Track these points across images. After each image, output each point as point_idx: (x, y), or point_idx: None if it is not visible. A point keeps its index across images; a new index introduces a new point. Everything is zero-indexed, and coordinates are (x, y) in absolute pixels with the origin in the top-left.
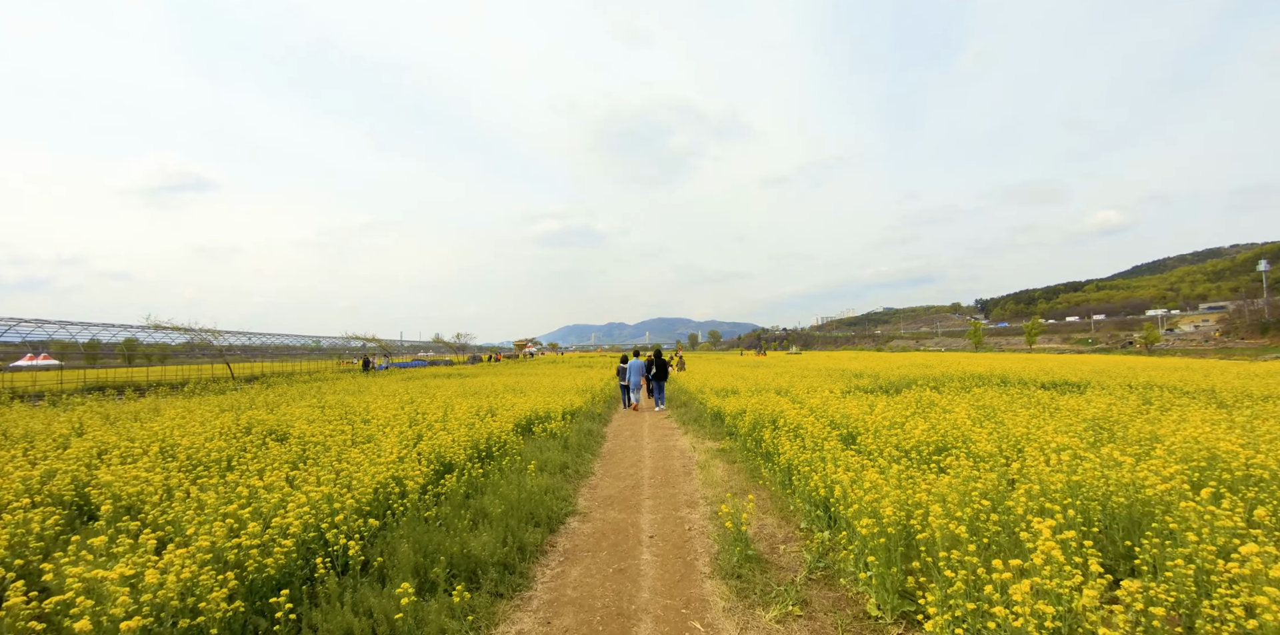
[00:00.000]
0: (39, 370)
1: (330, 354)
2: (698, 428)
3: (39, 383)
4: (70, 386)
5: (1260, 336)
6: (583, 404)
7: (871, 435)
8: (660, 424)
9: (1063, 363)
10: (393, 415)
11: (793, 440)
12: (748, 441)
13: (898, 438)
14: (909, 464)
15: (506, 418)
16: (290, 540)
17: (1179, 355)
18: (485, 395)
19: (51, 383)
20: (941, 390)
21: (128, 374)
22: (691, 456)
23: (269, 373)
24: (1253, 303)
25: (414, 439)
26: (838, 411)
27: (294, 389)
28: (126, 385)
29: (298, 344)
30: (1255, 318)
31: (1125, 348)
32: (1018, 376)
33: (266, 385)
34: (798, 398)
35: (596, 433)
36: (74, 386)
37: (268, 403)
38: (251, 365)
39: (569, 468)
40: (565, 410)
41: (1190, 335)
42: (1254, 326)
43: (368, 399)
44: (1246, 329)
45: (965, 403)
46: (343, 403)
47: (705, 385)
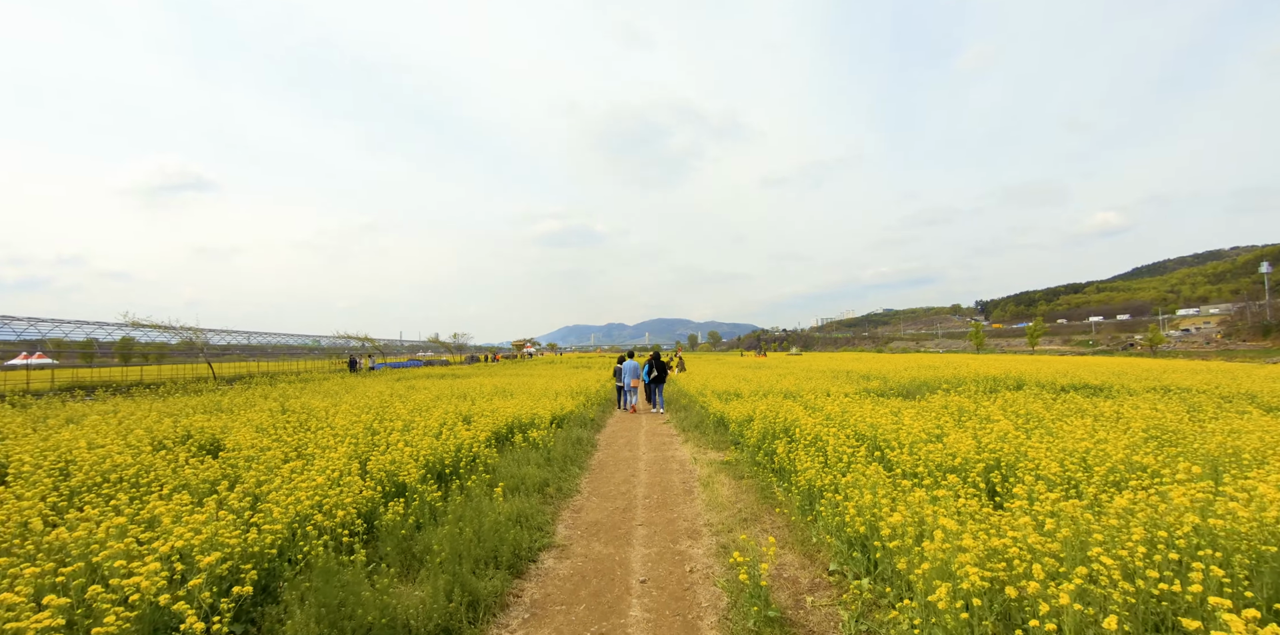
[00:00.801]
0: (33, 369)
1: (329, 354)
2: (699, 435)
3: (9, 382)
4: (46, 386)
5: (1262, 338)
6: (575, 408)
7: (905, 450)
8: (658, 430)
9: (1076, 365)
10: (352, 422)
11: (811, 454)
12: (757, 454)
13: (938, 454)
14: (962, 489)
15: (484, 425)
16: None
17: (1180, 357)
18: (470, 398)
19: (35, 383)
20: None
21: (121, 373)
22: (692, 470)
23: (257, 373)
24: (1254, 305)
25: (370, 448)
26: (860, 420)
27: (275, 390)
28: (106, 385)
29: (297, 343)
30: (1257, 320)
31: (1126, 349)
32: (1034, 379)
33: (248, 386)
34: (810, 403)
35: (587, 441)
36: (47, 386)
37: (231, 405)
38: (245, 365)
39: (550, 486)
40: (555, 415)
41: (1192, 337)
42: (1256, 328)
43: (341, 402)
44: (1248, 331)
45: (997, 409)
46: (307, 407)
47: (706, 387)
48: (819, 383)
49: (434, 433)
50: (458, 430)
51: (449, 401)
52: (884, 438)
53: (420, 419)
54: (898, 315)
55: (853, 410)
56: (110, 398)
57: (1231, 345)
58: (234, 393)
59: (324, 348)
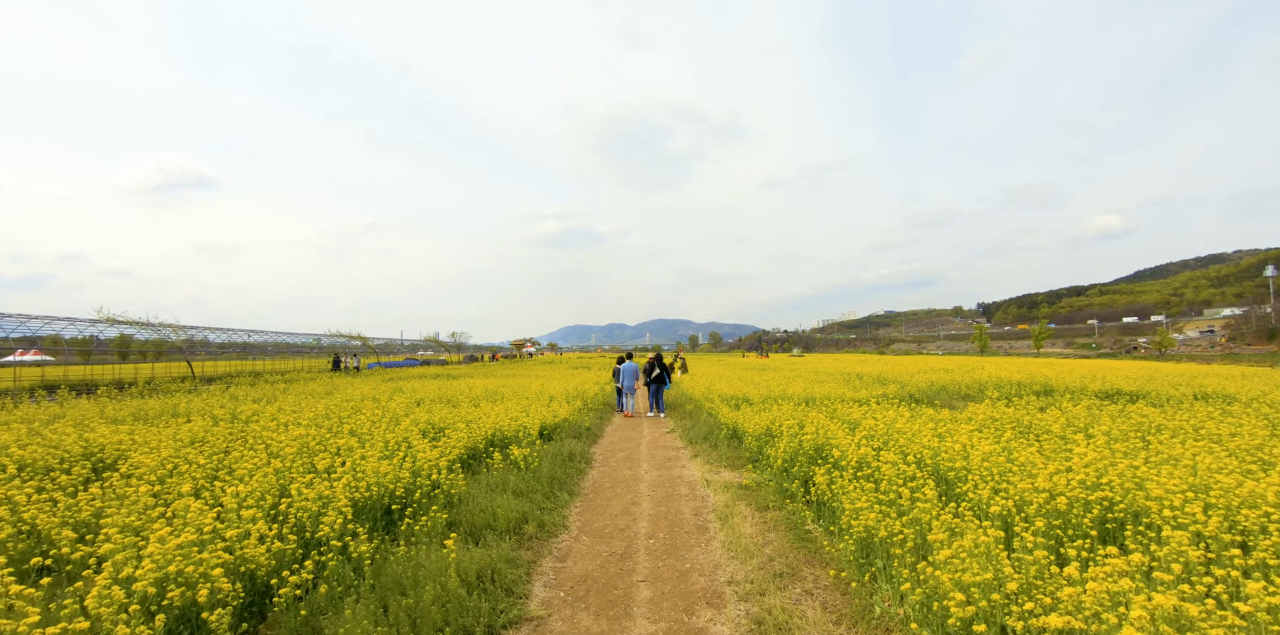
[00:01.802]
0: (27, 366)
1: (330, 353)
2: (709, 449)
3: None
4: (12, 384)
5: (1267, 342)
6: (570, 414)
7: (979, 481)
8: (662, 441)
9: (1098, 368)
10: (294, 437)
11: (860, 484)
12: (784, 479)
13: (1028, 489)
14: (1080, 544)
15: (457, 440)
16: None
17: (1185, 361)
18: (454, 402)
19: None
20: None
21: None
22: (704, 496)
23: (246, 372)
24: (1259, 308)
25: (303, 474)
26: (911, 439)
27: (255, 391)
28: (82, 384)
29: (298, 342)
30: (1262, 323)
31: (1130, 353)
32: (1062, 384)
33: (227, 386)
34: (837, 413)
35: (580, 456)
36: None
37: (188, 410)
38: (236, 364)
39: (530, 522)
40: (545, 425)
41: (1196, 341)
42: (1261, 332)
43: (305, 409)
44: (1253, 335)
45: (1058, 423)
46: (261, 414)
47: (712, 391)
48: (832, 387)
49: (396, 449)
50: (419, 449)
51: (430, 407)
52: (948, 464)
53: (381, 432)
54: (899, 317)
55: (900, 425)
56: (71, 399)
57: (1236, 349)
58: (203, 395)
59: (324, 346)
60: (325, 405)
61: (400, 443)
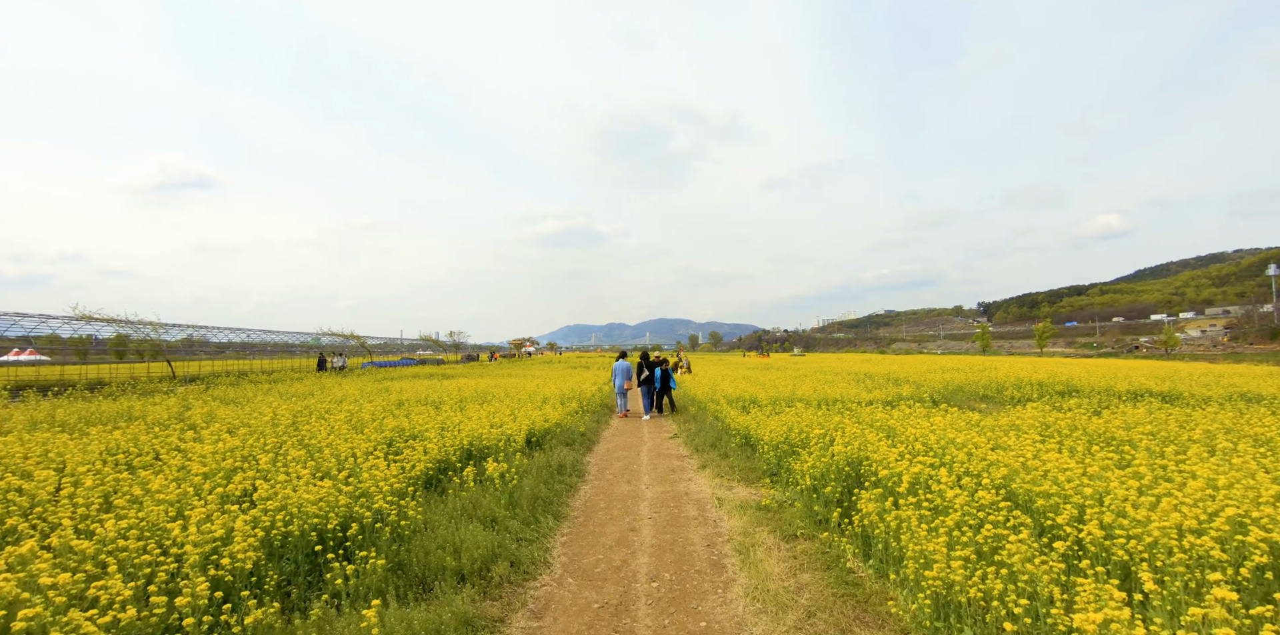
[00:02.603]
0: (24, 366)
1: (328, 352)
2: (718, 459)
3: None
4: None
5: (1270, 342)
6: (563, 417)
7: (1083, 513)
8: (664, 449)
9: (1115, 367)
10: (226, 451)
11: (918, 512)
12: (813, 500)
13: (1154, 527)
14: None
15: (424, 453)
16: None
17: (1187, 360)
18: (437, 404)
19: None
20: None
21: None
22: (717, 519)
23: (230, 372)
24: (1261, 307)
25: (219, 502)
26: (969, 452)
27: (235, 391)
28: (61, 384)
29: (297, 341)
30: (1264, 323)
31: (1131, 352)
32: (1086, 384)
33: (207, 386)
34: (861, 416)
35: (572, 467)
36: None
37: (129, 414)
38: (226, 363)
39: (501, 560)
40: (535, 431)
41: (1198, 340)
42: (1263, 331)
43: (270, 409)
44: (1256, 334)
45: (1126, 432)
46: (213, 417)
47: (716, 391)
48: (844, 387)
49: (341, 467)
50: (371, 466)
51: (411, 409)
52: (1028, 487)
53: (331, 441)
54: (899, 316)
55: (951, 435)
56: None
57: (1239, 348)
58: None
59: (324, 346)
60: (291, 408)
61: (349, 457)
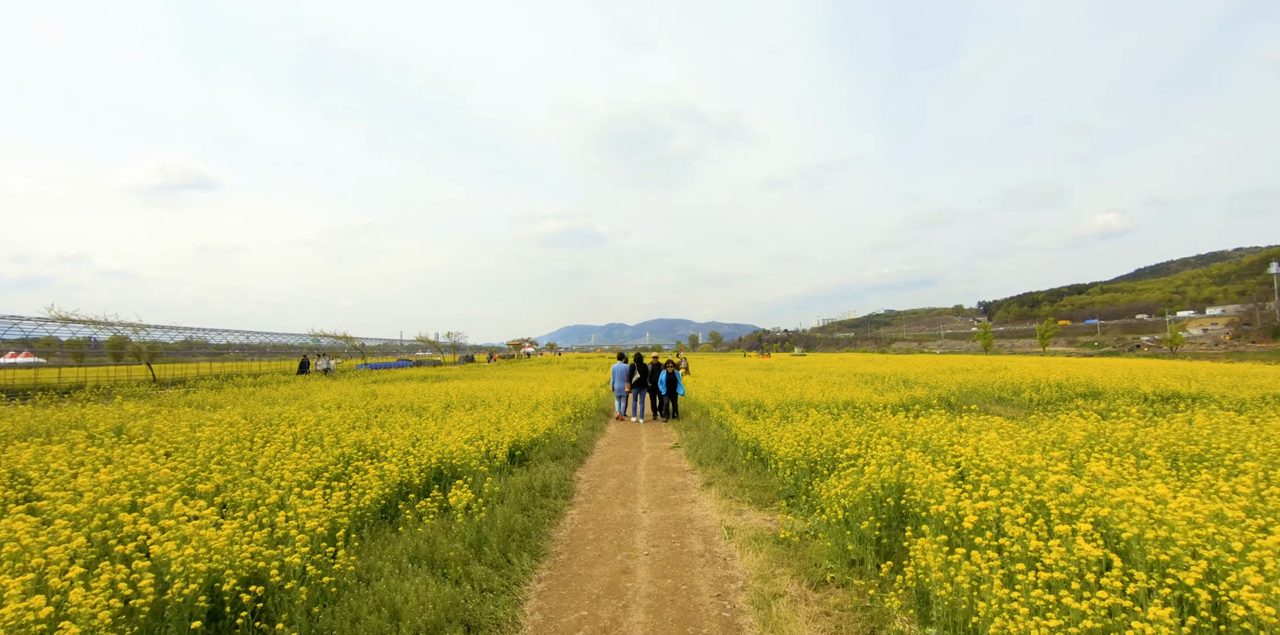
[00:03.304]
0: (20, 368)
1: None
2: (725, 474)
3: None
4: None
5: (1272, 340)
6: (556, 424)
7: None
8: (664, 461)
9: (1129, 367)
10: (111, 485)
11: (988, 562)
12: (845, 536)
13: None
14: None
15: (380, 476)
16: None
17: (1189, 358)
18: (423, 411)
19: None
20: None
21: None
22: (728, 556)
23: (216, 374)
24: (1263, 306)
25: (78, 559)
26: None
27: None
28: (35, 388)
29: (298, 343)
30: (1266, 321)
31: (1133, 351)
32: (1109, 385)
33: (186, 391)
34: (884, 426)
35: (559, 487)
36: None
37: (79, 423)
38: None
39: (454, 620)
40: (520, 442)
41: (1199, 338)
42: (1265, 330)
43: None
44: (1258, 332)
45: (1231, 446)
46: (149, 430)
47: (719, 394)
48: (854, 390)
49: (262, 499)
50: (298, 506)
51: (388, 417)
52: (1130, 530)
53: (272, 469)
54: (899, 316)
55: (1003, 452)
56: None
57: (1241, 347)
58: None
59: (323, 347)
60: (266, 414)
61: (290, 485)
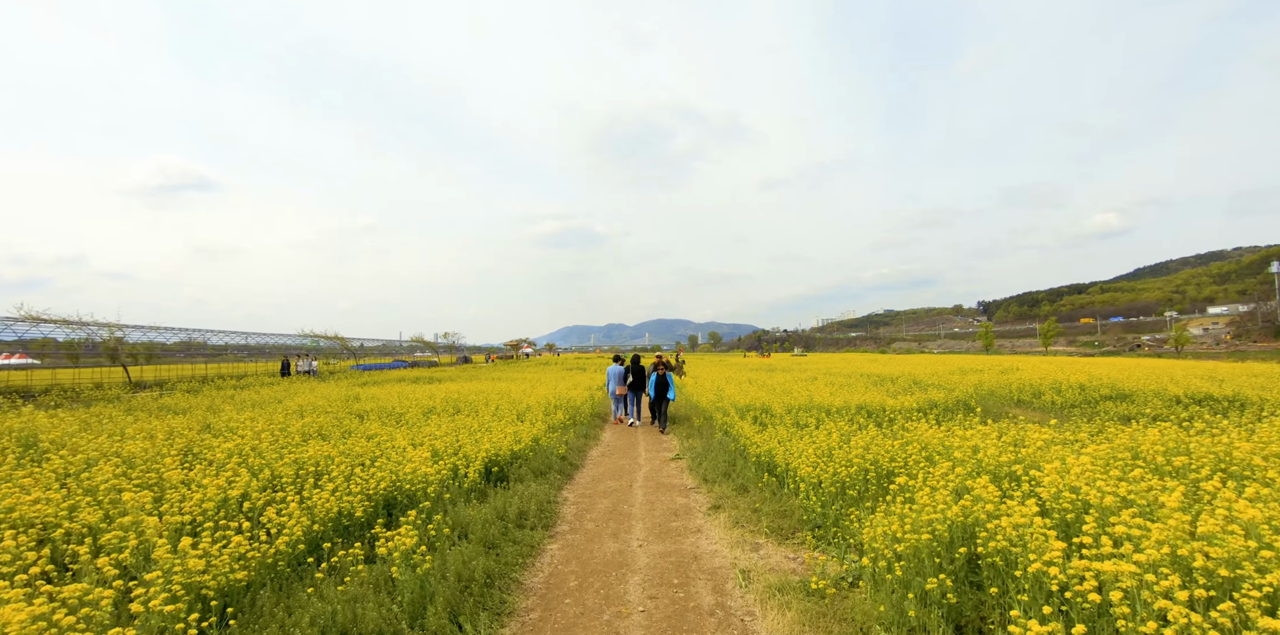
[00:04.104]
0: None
1: (326, 354)
2: (734, 494)
3: None
4: None
5: (1273, 339)
6: (545, 431)
7: None
8: (664, 476)
9: (1153, 368)
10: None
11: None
12: (905, 599)
13: None
14: None
15: (300, 512)
16: None
17: (1190, 358)
18: (398, 417)
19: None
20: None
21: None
22: (748, 618)
23: (204, 376)
24: (1264, 305)
25: None
26: (1157, 518)
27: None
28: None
29: (295, 344)
30: (1268, 320)
31: (1133, 350)
32: (1136, 388)
33: (161, 394)
34: (922, 437)
35: (539, 513)
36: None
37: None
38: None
39: None
40: (499, 457)
41: (1200, 338)
42: (1267, 329)
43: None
44: (1259, 332)
45: None
46: (65, 444)
47: (722, 397)
48: (867, 393)
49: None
50: (173, 557)
51: (361, 426)
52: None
53: (170, 501)
54: (899, 316)
55: (1092, 479)
56: None
57: (1242, 346)
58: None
59: (322, 348)
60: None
61: (139, 533)
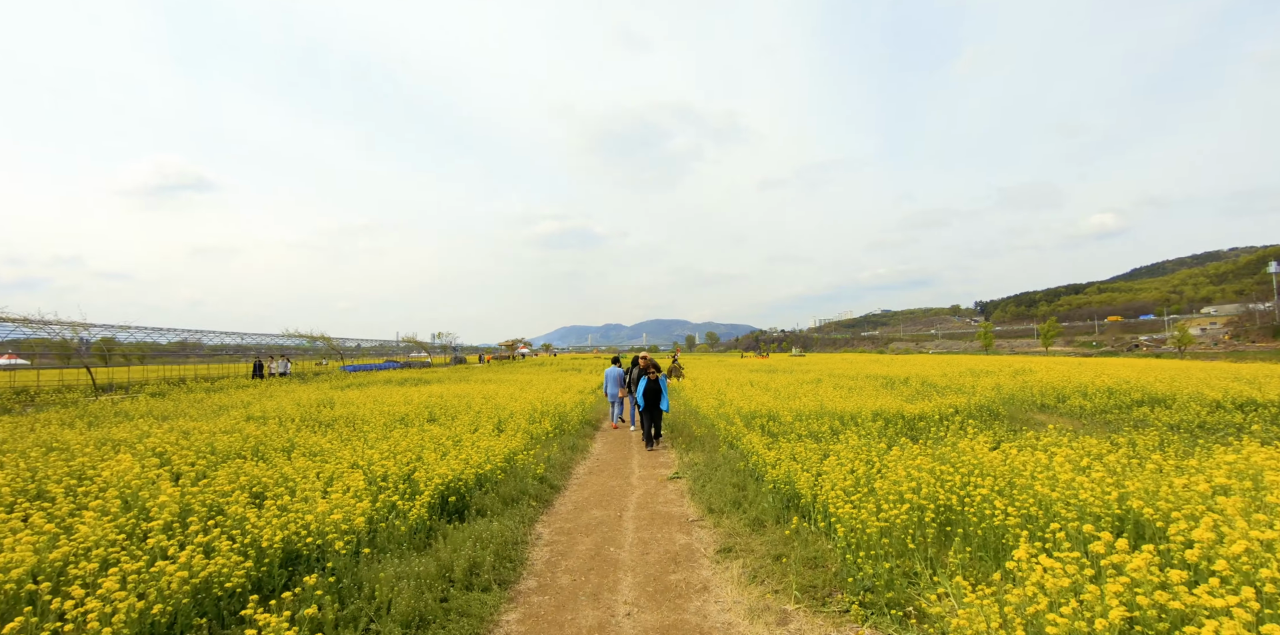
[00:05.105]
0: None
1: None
2: (748, 532)
3: None
4: None
5: (1272, 339)
6: (524, 444)
7: None
8: (660, 503)
9: (1176, 369)
10: None
11: None
12: None
13: None
14: None
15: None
16: None
17: (1188, 358)
18: (361, 426)
19: None
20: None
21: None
22: None
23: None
24: (1262, 305)
25: None
26: None
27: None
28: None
29: (293, 344)
30: (1266, 320)
31: (1131, 351)
32: (1169, 392)
33: (124, 397)
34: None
35: (496, 561)
36: None
37: None
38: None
39: None
40: (461, 484)
41: (1198, 338)
42: (1265, 329)
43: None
44: (1257, 332)
45: None
46: None
47: (724, 402)
48: (874, 397)
49: None
50: None
51: (310, 438)
52: None
53: None
54: (896, 316)
55: None
56: None
57: (1240, 347)
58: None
59: (319, 349)
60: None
61: None
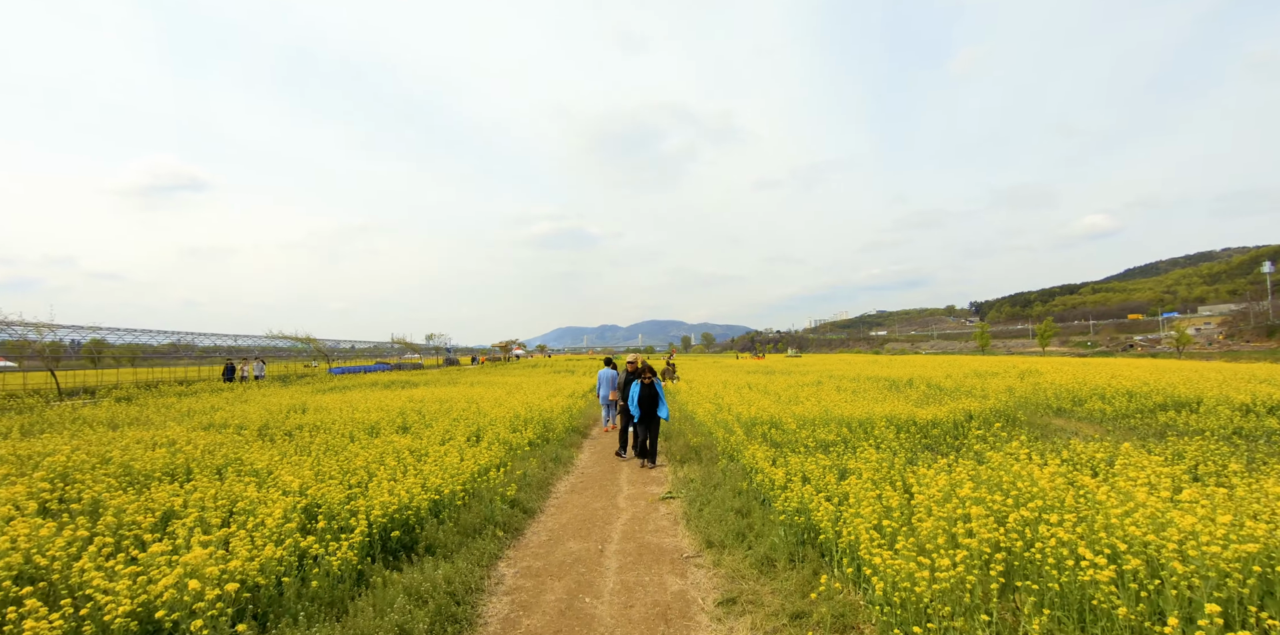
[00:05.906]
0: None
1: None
2: (756, 572)
3: None
4: None
5: (1266, 339)
6: (502, 458)
7: None
8: (649, 535)
9: (1183, 370)
10: None
11: None
12: None
13: None
14: None
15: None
16: None
17: (1183, 357)
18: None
19: None
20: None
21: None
22: None
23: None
24: (1257, 305)
25: None
26: None
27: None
28: None
29: (286, 345)
30: (1260, 320)
31: (1126, 351)
32: (1195, 394)
33: (79, 404)
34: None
35: (436, 627)
36: None
37: None
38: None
39: None
40: (408, 512)
41: (1194, 338)
42: (1259, 329)
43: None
44: (1252, 332)
45: None
46: None
47: (722, 407)
48: (880, 401)
49: None
50: None
51: (247, 452)
52: None
53: None
54: (891, 317)
55: None
56: None
57: (1235, 346)
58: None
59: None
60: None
61: None
